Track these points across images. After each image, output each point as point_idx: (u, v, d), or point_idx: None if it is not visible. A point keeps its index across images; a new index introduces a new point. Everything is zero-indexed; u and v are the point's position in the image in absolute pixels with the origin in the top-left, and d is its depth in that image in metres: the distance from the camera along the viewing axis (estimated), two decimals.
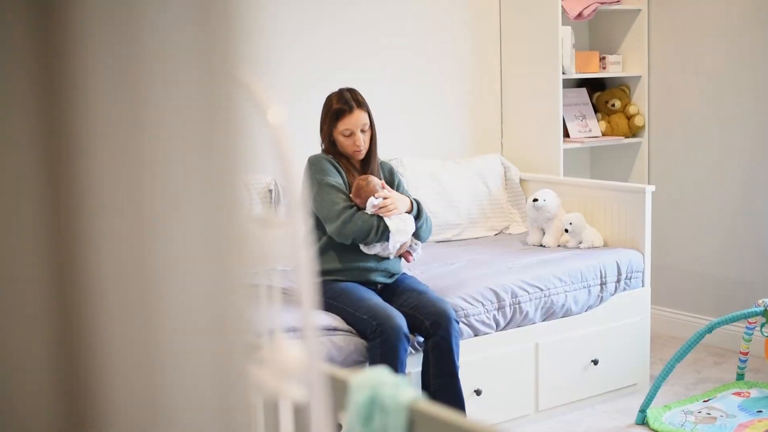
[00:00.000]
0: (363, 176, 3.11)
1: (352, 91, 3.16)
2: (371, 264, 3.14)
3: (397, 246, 3.10)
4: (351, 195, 3.10)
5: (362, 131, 3.13)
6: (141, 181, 0.60)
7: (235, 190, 0.65)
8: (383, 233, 3.04)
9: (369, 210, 3.04)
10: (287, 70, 3.89)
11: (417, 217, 3.14)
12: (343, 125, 3.11)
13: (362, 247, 3.10)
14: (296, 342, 0.93)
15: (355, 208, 3.07)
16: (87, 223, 0.59)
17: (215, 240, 0.64)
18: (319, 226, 3.12)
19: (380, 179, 3.18)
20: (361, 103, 3.14)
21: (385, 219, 3.04)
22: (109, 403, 0.60)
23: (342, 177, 3.13)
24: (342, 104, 3.11)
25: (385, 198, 3.05)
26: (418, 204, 3.17)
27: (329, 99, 3.17)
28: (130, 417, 0.61)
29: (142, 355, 0.61)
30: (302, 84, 3.88)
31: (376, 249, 3.10)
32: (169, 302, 0.62)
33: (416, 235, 3.17)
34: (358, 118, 3.11)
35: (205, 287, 0.63)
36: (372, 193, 3.06)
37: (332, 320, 3.02)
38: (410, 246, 3.19)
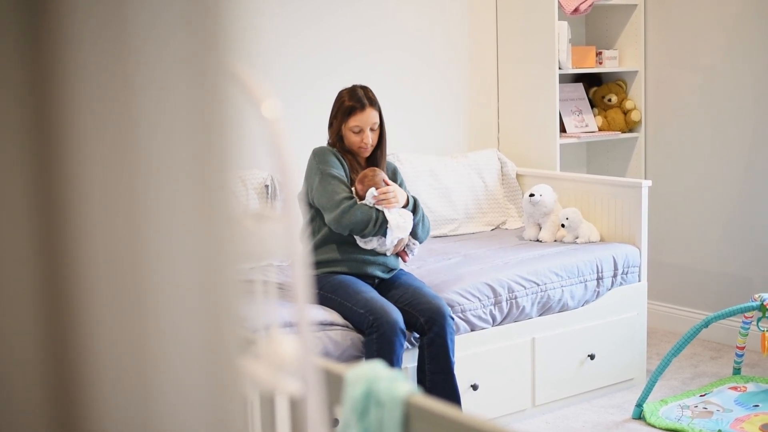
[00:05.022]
0: (372, 167, 3.15)
1: (365, 89, 3.19)
2: (369, 257, 3.15)
3: (395, 242, 3.09)
4: (355, 181, 3.12)
5: (371, 129, 3.16)
6: (133, 176, 0.60)
7: (228, 185, 0.65)
8: (381, 226, 3.05)
9: (368, 200, 3.05)
10: (286, 67, 3.89)
11: (413, 214, 3.15)
12: (354, 122, 3.14)
13: (359, 242, 3.10)
14: (291, 336, 0.93)
15: (355, 199, 3.08)
16: (77, 218, 0.59)
17: (207, 235, 0.64)
18: (321, 216, 3.13)
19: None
20: (374, 102, 3.17)
21: (385, 213, 3.05)
22: (101, 398, 0.60)
23: (345, 171, 3.15)
24: (354, 101, 3.14)
25: (386, 192, 3.06)
26: (415, 201, 3.18)
27: (341, 95, 3.19)
28: (122, 413, 0.60)
29: (133, 351, 0.61)
30: (300, 81, 3.88)
31: (372, 244, 3.10)
32: (161, 297, 0.62)
33: (413, 234, 3.17)
34: (369, 116, 3.14)
35: (197, 282, 0.63)
36: (376, 184, 3.08)
37: (328, 315, 3.03)
38: (407, 245, 3.19)
